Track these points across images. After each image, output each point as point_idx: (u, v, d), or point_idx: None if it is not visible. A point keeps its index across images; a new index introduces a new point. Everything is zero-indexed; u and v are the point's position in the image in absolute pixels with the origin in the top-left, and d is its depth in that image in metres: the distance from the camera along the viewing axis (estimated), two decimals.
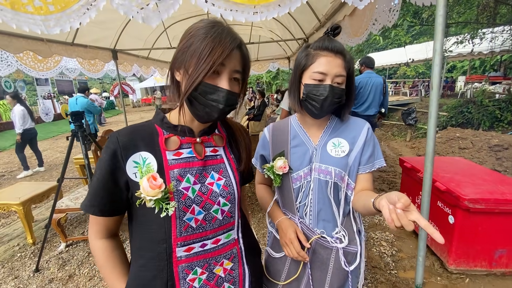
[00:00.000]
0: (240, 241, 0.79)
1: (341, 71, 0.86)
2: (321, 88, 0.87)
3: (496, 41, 7.38)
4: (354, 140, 0.94)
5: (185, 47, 0.64)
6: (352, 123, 0.97)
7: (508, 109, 6.72)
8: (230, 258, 0.76)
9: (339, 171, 0.91)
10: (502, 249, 1.92)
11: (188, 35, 0.65)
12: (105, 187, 0.66)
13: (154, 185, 0.62)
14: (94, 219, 0.70)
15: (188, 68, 0.63)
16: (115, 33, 4.72)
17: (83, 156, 2.05)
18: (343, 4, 2.83)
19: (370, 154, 0.93)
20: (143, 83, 24.44)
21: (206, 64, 0.61)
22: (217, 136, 0.79)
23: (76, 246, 2.73)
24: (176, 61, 0.67)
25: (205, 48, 0.61)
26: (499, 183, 2.01)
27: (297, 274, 0.97)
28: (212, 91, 0.64)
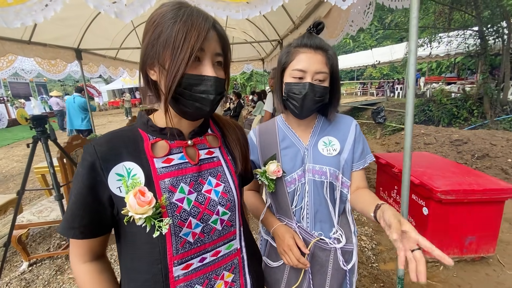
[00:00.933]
0: (243, 251, 0.72)
1: (321, 68, 0.83)
2: (300, 86, 0.84)
3: (452, 45, 8.03)
4: (344, 137, 0.93)
5: (153, 39, 0.55)
6: (339, 120, 0.97)
7: (463, 106, 7.36)
8: (230, 269, 0.69)
9: (333, 170, 0.89)
10: (471, 236, 2.07)
11: (152, 25, 0.56)
12: (84, 206, 0.57)
13: (143, 202, 0.54)
14: (75, 242, 0.61)
15: (163, 63, 0.55)
16: (79, 31, 4.40)
17: (48, 164, 1.86)
18: (318, 6, 2.90)
19: (361, 150, 0.93)
20: (110, 85, 23.16)
21: (183, 52, 0.52)
22: (211, 136, 0.70)
23: (41, 265, 2.47)
24: (146, 58, 0.58)
25: (178, 35, 0.53)
26: (465, 175, 2.17)
27: (298, 282, 0.93)
28: (198, 81, 0.56)
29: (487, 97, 6.78)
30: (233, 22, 5.58)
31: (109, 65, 5.99)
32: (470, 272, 2.07)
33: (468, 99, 7.36)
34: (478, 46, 7.08)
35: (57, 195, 1.82)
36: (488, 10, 6.48)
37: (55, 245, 2.79)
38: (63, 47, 4.40)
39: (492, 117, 6.62)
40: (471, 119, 7.05)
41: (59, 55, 4.36)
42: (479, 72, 8.63)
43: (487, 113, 6.80)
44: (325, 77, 0.85)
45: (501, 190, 1.93)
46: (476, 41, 7.12)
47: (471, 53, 7.68)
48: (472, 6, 6.73)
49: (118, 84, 20.33)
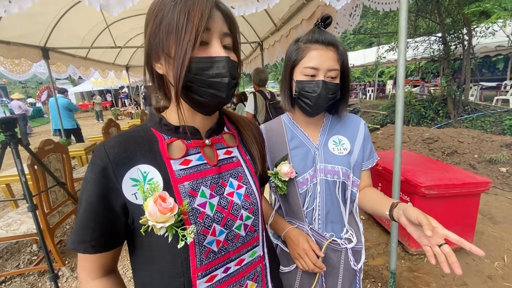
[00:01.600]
0: (265, 257, 0.67)
1: (333, 65, 0.82)
2: (314, 84, 0.82)
3: (418, 50, 8.59)
4: (353, 136, 0.93)
5: (155, 28, 0.50)
6: (348, 119, 0.96)
7: (430, 107, 7.88)
8: (253, 278, 0.64)
9: (346, 169, 0.88)
10: (452, 228, 2.18)
11: (153, 14, 0.51)
12: (96, 217, 0.51)
13: (165, 208, 0.47)
14: (85, 257, 0.55)
15: (169, 51, 0.50)
16: (46, 28, 4.08)
17: (18, 172, 1.67)
18: (301, 8, 2.93)
19: (370, 149, 0.94)
20: (78, 87, 21.79)
21: (188, 34, 0.47)
22: (228, 134, 0.65)
23: (11, 283, 2.23)
24: (150, 51, 0.52)
25: (180, 17, 0.48)
26: (444, 170, 2.30)
27: (313, 287, 0.90)
28: (209, 65, 0.50)
29: (451, 98, 7.31)
30: None
31: (79, 65, 5.63)
32: None
33: (434, 101, 7.90)
34: (442, 51, 7.64)
35: (30, 206, 1.64)
36: (450, 17, 7.01)
37: (26, 261, 2.54)
38: (28, 46, 4.06)
39: (456, 117, 7.15)
40: (437, 119, 7.55)
41: (24, 54, 4.01)
42: (441, 75, 9.32)
43: (451, 113, 7.34)
44: (337, 74, 0.84)
45: (478, 183, 2.06)
46: (440, 46, 7.67)
47: (435, 57, 8.28)
48: (436, 14, 7.25)
49: (87, 86, 19.17)
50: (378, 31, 11.24)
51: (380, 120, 8.52)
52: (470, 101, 7.66)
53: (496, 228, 2.64)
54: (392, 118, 8.57)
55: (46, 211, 2.13)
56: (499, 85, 9.62)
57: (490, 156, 3.86)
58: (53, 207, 2.23)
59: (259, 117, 3.23)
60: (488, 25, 6.97)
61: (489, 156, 3.88)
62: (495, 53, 9.94)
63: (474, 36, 6.99)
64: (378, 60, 10.38)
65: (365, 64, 13.64)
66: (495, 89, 10.06)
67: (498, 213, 2.90)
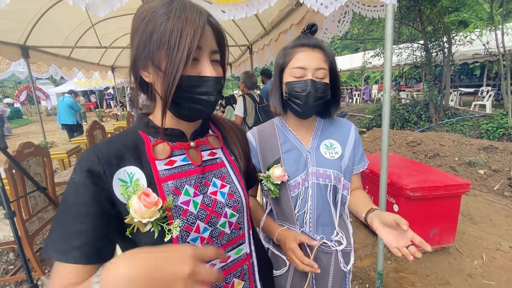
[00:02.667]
0: (252, 255, 0.68)
1: (321, 64, 0.84)
2: (302, 84, 0.83)
3: (402, 56, 8.89)
4: (344, 141, 0.94)
5: (145, 38, 0.51)
6: (339, 123, 0.98)
7: (413, 111, 8.15)
8: (240, 276, 0.65)
9: (337, 173, 0.90)
10: (435, 229, 2.26)
11: (142, 22, 0.51)
12: (88, 219, 0.48)
13: (149, 203, 0.49)
14: (68, 269, 0.46)
15: (159, 64, 0.51)
16: (26, 26, 3.92)
17: None
18: (290, 13, 2.97)
19: (360, 153, 0.95)
20: (60, 87, 21.00)
21: (180, 52, 0.49)
22: (212, 136, 0.68)
23: None
24: (138, 59, 0.53)
25: (172, 32, 0.49)
26: (427, 173, 2.38)
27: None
28: (198, 83, 0.53)
29: (432, 103, 7.60)
30: None
31: (62, 65, 5.44)
32: (435, 262, 2.26)
33: (417, 105, 8.19)
34: (424, 57, 7.94)
35: (8, 212, 1.55)
36: (432, 26, 7.31)
37: (1, 270, 2.40)
38: (6, 43, 3.89)
39: (437, 121, 7.43)
40: (420, 123, 7.82)
41: (2, 52, 3.85)
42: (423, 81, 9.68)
43: (433, 117, 7.62)
44: (325, 74, 0.85)
45: (459, 185, 2.15)
46: (422, 53, 7.98)
47: (417, 64, 8.59)
48: (418, 22, 7.54)
49: (70, 86, 18.53)
50: (364, 37, 11.57)
51: (366, 124, 8.73)
52: (450, 106, 7.99)
53: (476, 228, 2.75)
54: (377, 121, 8.80)
55: (24, 218, 2.02)
56: (476, 91, 10.10)
57: (469, 159, 4.03)
58: (32, 213, 2.12)
59: (248, 120, 3.22)
60: (466, 34, 7.31)
61: (468, 159, 4.06)
62: (472, 60, 10.44)
63: (454, 44, 7.31)
64: (364, 65, 10.65)
65: (351, 69, 13.98)
66: (473, 94, 10.55)
67: (477, 213, 3.03)
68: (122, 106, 13.19)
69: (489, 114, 6.92)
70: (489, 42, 6.92)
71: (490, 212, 3.04)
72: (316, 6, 1.41)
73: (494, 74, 10.95)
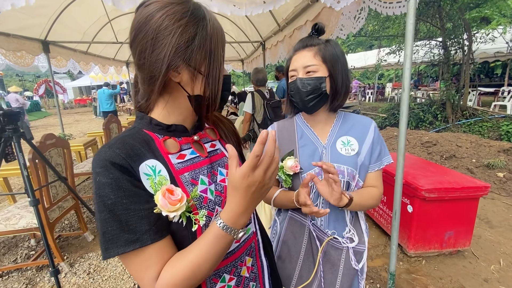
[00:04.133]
0: (257, 233, 0.74)
1: (308, 61, 0.88)
2: (293, 84, 0.92)
3: (418, 54, 8.63)
4: (362, 138, 0.94)
5: (186, 40, 0.51)
6: (358, 121, 0.98)
7: (429, 111, 7.93)
8: (249, 253, 0.69)
9: (351, 169, 0.90)
10: (450, 231, 2.21)
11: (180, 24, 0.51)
12: (140, 203, 0.50)
13: (174, 200, 0.50)
14: (145, 259, 0.49)
15: (198, 67, 0.55)
16: (47, 21, 4.05)
17: (21, 166, 1.66)
18: (306, 9, 2.94)
19: (378, 152, 0.95)
20: (76, 81, 21.66)
21: (220, 59, 0.58)
22: (209, 129, 0.72)
23: (8, 278, 2.22)
24: (174, 58, 0.52)
25: (217, 43, 0.56)
26: (444, 174, 2.32)
27: (310, 279, 0.93)
28: (226, 81, 0.62)
29: (449, 103, 7.37)
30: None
31: (80, 60, 5.59)
32: (449, 265, 2.21)
33: (433, 104, 7.95)
34: (442, 55, 7.69)
35: (33, 200, 1.63)
36: (451, 22, 7.06)
37: (23, 255, 2.52)
38: (28, 38, 4.02)
39: (454, 121, 7.21)
40: (435, 123, 7.61)
41: (24, 47, 3.97)
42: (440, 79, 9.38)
43: (449, 118, 7.40)
44: (316, 68, 0.88)
45: (477, 188, 2.09)
46: (440, 51, 7.72)
47: (435, 62, 8.32)
48: (437, 18, 7.29)
49: (86, 80, 19.06)
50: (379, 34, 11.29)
51: (379, 123, 8.56)
52: (468, 106, 7.72)
53: (493, 232, 2.67)
54: (391, 120, 8.62)
55: (46, 206, 2.12)
56: (496, 91, 9.71)
57: (488, 161, 3.90)
58: (53, 202, 2.22)
59: (257, 117, 3.21)
60: (488, 31, 7.01)
61: (487, 161, 3.93)
62: (493, 59, 10.04)
63: (474, 42, 7.04)
64: (379, 63, 10.42)
65: (365, 67, 13.70)
66: (493, 94, 10.16)
67: (495, 217, 2.94)
68: None
69: (510, 115, 6.65)
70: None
71: (509, 217, 2.94)
72: (329, 2, 1.39)
73: None
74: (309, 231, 0.95)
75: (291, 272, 0.97)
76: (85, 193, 3.96)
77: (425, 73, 16.56)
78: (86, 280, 2.16)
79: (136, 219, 0.49)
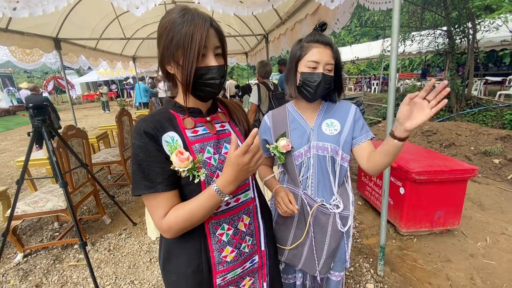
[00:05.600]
0: (256, 199, 0.91)
1: (330, 60, 1.02)
2: (315, 75, 1.02)
3: (423, 43, 8.58)
4: (344, 119, 1.11)
5: (168, 42, 0.71)
6: (340, 105, 1.14)
7: None
8: (247, 213, 0.87)
9: (334, 146, 1.07)
10: (440, 211, 2.37)
11: (165, 31, 0.71)
12: (160, 164, 0.71)
13: (183, 158, 0.71)
14: (157, 202, 0.71)
15: (178, 61, 0.72)
16: (58, 19, 4.24)
17: (49, 153, 1.88)
18: (306, 3, 3.06)
19: (361, 127, 1.09)
20: (84, 77, 21.97)
21: (192, 52, 0.69)
22: (221, 113, 0.90)
23: (36, 255, 2.48)
24: (163, 57, 0.74)
25: (185, 38, 0.68)
26: (435, 159, 2.47)
27: (302, 238, 1.12)
28: (206, 71, 0.73)
29: (454, 92, 7.36)
30: (218, 15, 5.59)
31: (89, 56, 5.79)
32: (439, 243, 2.38)
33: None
34: (447, 45, 7.65)
35: (62, 182, 1.85)
36: (456, 11, 7.01)
37: (48, 236, 2.78)
38: (41, 36, 4.22)
39: (458, 111, 7.22)
40: (439, 113, 7.62)
41: (37, 44, 4.18)
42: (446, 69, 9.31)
43: (453, 107, 7.40)
44: (332, 68, 1.04)
45: (465, 170, 2.23)
46: (444, 40, 7.68)
47: (440, 51, 8.27)
48: (442, 7, 7.24)
49: (93, 76, 19.37)
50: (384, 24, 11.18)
51: (383, 114, 8.61)
52: (473, 95, 7.70)
53: (484, 213, 2.82)
54: (395, 111, 8.65)
55: (69, 190, 2.35)
56: (504, 80, 9.60)
57: (485, 148, 4.01)
58: (75, 187, 2.45)
59: (262, 107, 3.38)
60: (492, 20, 6.95)
61: (484, 148, 4.03)
62: (500, 47, 9.88)
63: (479, 31, 6.99)
64: (383, 54, 10.37)
65: (369, 57, 13.59)
66: (501, 83, 10.05)
67: (487, 200, 3.07)
68: None
69: None
70: None
71: (501, 200, 3.07)
72: (323, 1, 1.53)
73: None
74: (301, 199, 1.13)
75: (286, 234, 1.16)
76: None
77: (432, 62, 16.32)
78: (107, 256, 2.40)
79: (154, 173, 0.71)
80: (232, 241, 0.83)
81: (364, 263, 2.19)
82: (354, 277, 2.05)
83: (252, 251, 0.89)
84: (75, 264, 2.32)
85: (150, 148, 0.71)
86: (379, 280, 1.99)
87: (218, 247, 0.80)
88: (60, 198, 2.36)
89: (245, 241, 0.86)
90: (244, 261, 0.87)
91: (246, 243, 0.86)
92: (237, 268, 0.85)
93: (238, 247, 0.84)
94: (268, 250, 0.94)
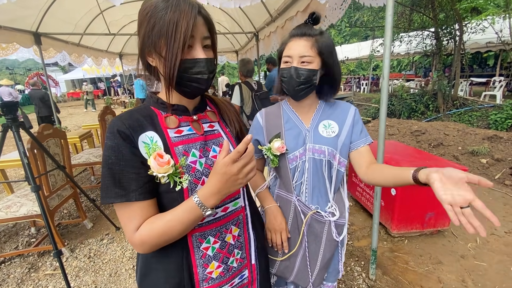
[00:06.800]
0: (246, 208, 0.81)
1: (305, 52, 0.91)
2: (287, 70, 0.95)
3: (411, 44, 8.71)
4: (342, 121, 1.02)
5: (149, 30, 0.61)
6: (339, 106, 1.06)
7: (421, 101, 8.07)
8: (236, 224, 0.78)
9: (331, 149, 0.99)
10: (431, 212, 2.35)
11: (146, 17, 0.61)
12: (134, 169, 0.61)
13: (162, 162, 0.61)
14: (130, 212, 0.62)
15: (160, 51, 0.62)
16: (38, 13, 4.02)
17: (21, 154, 1.73)
18: (295, 1, 2.99)
19: (360, 130, 1.01)
20: (69, 74, 21.28)
21: (177, 42, 0.59)
22: (210, 112, 0.80)
23: (10, 264, 2.31)
24: (144, 47, 0.64)
25: (169, 25, 0.59)
26: (426, 159, 2.45)
27: (295, 248, 1.03)
28: (193, 65, 0.64)
29: (441, 93, 7.50)
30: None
31: (72, 52, 5.55)
32: (429, 244, 2.36)
33: (425, 95, 8.09)
34: (434, 46, 7.78)
35: (34, 186, 1.71)
36: (443, 13, 7.12)
37: (24, 243, 2.61)
38: (20, 30, 4.00)
39: (445, 111, 7.36)
40: (427, 113, 7.76)
41: (15, 39, 3.96)
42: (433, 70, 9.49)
43: (440, 107, 7.54)
44: (311, 60, 0.92)
45: None
46: (432, 41, 7.80)
47: (427, 52, 8.41)
48: (430, 9, 7.35)
49: (78, 73, 18.76)
50: (373, 25, 11.30)
51: (372, 113, 8.69)
52: (459, 96, 7.87)
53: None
54: (389, 110, 8.75)
55: (45, 194, 2.20)
56: (488, 81, 9.86)
57: (472, 148, 4.06)
58: (52, 190, 2.30)
59: (245, 109, 3.15)
60: (479, 22, 7.10)
61: (471, 148, 4.08)
62: (485, 49, 10.15)
63: (465, 32, 7.13)
64: (372, 54, 10.47)
65: (359, 58, 13.73)
66: (485, 84, 10.31)
67: None
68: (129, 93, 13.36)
69: (499, 105, 6.81)
70: (502, 30, 6.73)
71: (489, 200, 3.10)
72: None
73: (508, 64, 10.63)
74: (295, 206, 1.04)
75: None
76: (82, 184, 4.03)
77: (419, 63, 16.64)
78: (87, 264, 2.26)
79: (127, 179, 0.61)
80: (218, 256, 0.73)
81: (356, 266, 2.14)
82: (345, 281, 1.99)
83: (241, 266, 0.79)
84: (52, 273, 2.17)
85: (123, 150, 0.61)
86: (371, 284, 1.94)
87: (202, 262, 0.71)
88: (35, 202, 2.20)
89: (233, 255, 0.77)
90: (232, 276, 0.77)
91: (234, 257, 0.77)
92: (225, 285, 0.75)
93: (226, 262, 0.75)
94: (259, 264, 0.85)
